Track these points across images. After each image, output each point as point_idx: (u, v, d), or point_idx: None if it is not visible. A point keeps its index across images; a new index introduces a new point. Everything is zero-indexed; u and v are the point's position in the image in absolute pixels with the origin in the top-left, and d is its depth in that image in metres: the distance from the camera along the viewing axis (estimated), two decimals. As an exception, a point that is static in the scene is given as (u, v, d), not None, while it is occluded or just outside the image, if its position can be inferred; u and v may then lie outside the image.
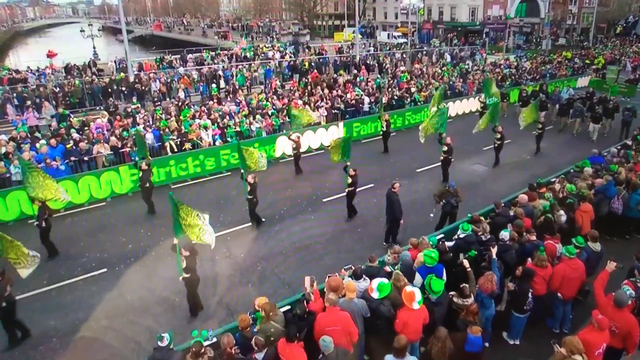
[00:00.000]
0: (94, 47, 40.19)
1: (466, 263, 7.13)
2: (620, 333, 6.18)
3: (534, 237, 8.20)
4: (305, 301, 6.60)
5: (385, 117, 18.17)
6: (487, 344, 7.24)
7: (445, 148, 14.27)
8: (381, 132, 18.70)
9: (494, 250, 7.43)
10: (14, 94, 22.78)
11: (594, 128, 19.66)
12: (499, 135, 16.07)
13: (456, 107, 23.76)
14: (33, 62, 36.11)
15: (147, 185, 13.02)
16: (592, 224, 9.54)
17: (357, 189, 14.26)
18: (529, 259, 7.61)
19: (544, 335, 7.59)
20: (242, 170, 11.94)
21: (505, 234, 7.91)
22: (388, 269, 7.40)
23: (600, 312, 6.13)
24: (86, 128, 16.85)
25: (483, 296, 6.81)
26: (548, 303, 7.76)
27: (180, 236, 8.23)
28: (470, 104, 24.34)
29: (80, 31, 39.68)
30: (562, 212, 9.20)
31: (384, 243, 10.89)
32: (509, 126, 17.73)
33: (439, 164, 14.80)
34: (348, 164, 12.08)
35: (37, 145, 14.57)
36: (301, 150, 16.38)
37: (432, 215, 11.56)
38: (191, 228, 8.10)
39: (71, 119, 18.13)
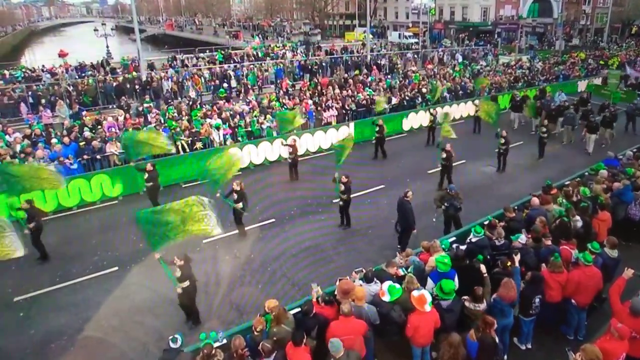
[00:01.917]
0: (107, 46, 40.59)
1: (483, 268, 7.02)
2: (639, 340, 6.05)
3: (549, 242, 8.06)
4: (325, 302, 6.54)
5: (379, 122, 17.52)
6: (505, 357, 7.11)
7: (444, 155, 13.79)
8: (374, 138, 17.84)
9: (517, 258, 7.27)
10: (29, 93, 23.05)
11: (589, 138, 17.76)
12: (502, 141, 15.50)
13: (468, 108, 23.52)
14: (48, 60, 36.55)
15: (153, 184, 12.86)
16: (608, 231, 9.31)
17: (368, 190, 14.34)
18: (543, 265, 7.48)
19: (558, 342, 7.46)
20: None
21: (521, 239, 7.79)
22: (401, 272, 7.31)
23: (616, 319, 6.01)
24: (99, 127, 16.97)
25: (503, 305, 6.66)
26: (563, 309, 7.61)
27: (158, 249, 7.61)
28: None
29: (94, 30, 40.06)
30: (578, 217, 9.03)
31: (398, 245, 10.77)
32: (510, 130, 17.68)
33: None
34: (336, 175, 11.78)
35: (51, 142, 14.70)
36: (298, 153, 15.66)
37: (434, 219, 11.48)
38: (197, 223, 7.42)
39: (84, 118, 18.27)
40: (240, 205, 11.27)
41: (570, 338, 7.68)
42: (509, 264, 7.16)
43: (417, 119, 21.31)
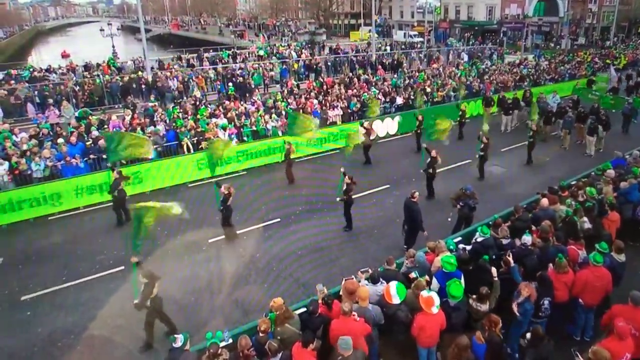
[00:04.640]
0: (113, 46, 40.81)
1: (494, 271, 6.99)
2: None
3: (557, 243, 8.02)
4: (326, 304, 6.55)
5: (366, 125, 16.93)
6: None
7: (427, 160, 13.11)
8: (361, 142, 16.73)
9: (510, 259, 7.21)
10: (35, 92, 23.20)
11: (590, 141, 17.52)
12: (482, 146, 14.55)
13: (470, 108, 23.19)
14: (53, 60, 36.81)
15: (117, 194, 12.22)
16: (617, 233, 9.22)
17: (374, 190, 14.34)
18: (550, 265, 7.44)
19: (565, 343, 7.40)
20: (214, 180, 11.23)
21: (527, 238, 7.74)
22: (413, 275, 7.30)
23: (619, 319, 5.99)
24: (105, 126, 17.07)
25: (530, 307, 6.67)
26: (570, 309, 7.56)
27: (138, 251, 7.84)
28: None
29: (100, 30, 40.44)
30: (585, 218, 8.97)
31: (404, 246, 10.74)
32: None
33: (459, 164, 14.51)
34: (343, 169, 11.64)
35: (58, 142, 14.79)
36: (292, 157, 15.27)
37: (449, 219, 11.38)
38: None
39: (90, 117, 18.37)
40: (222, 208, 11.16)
41: (576, 338, 7.64)
42: (510, 257, 7.16)
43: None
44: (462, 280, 6.91)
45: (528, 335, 6.12)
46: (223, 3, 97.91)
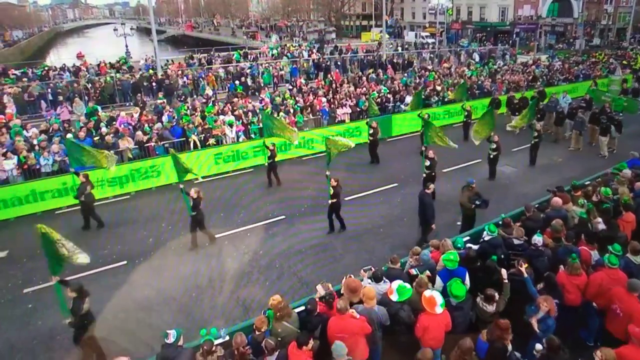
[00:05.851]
0: (127, 46, 41.33)
1: (504, 273, 6.71)
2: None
3: (568, 242, 7.72)
4: (326, 302, 6.36)
5: (373, 124, 16.39)
6: None
7: (427, 163, 12.59)
8: (369, 140, 16.63)
9: (522, 269, 6.83)
10: (49, 90, 23.49)
11: (602, 142, 17.00)
12: (494, 146, 14.19)
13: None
14: (69, 60, 37.41)
15: (84, 198, 11.82)
16: (632, 234, 8.79)
17: (382, 188, 14.15)
18: (561, 267, 7.15)
19: (577, 348, 7.09)
20: (180, 185, 10.78)
21: (538, 239, 7.46)
22: (413, 271, 7.08)
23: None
24: (114, 122, 17.14)
25: (552, 322, 6.37)
26: (583, 313, 7.23)
27: (58, 273, 7.42)
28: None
29: (114, 30, 41.10)
30: (600, 219, 8.64)
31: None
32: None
33: (465, 164, 14.21)
34: (328, 173, 11.29)
35: (67, 137, 14.85)
36: (276, 160, 14.76)
37: (458, 223, 11.13)
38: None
39: (99, 114, 18.47)
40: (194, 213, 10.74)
41: (589, 344, 7.26)
42: (523, 267, 6.86)
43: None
44: (467, 279, 6.69)
45: (538, 346, 5.74)
46: (236, 5, 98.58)
